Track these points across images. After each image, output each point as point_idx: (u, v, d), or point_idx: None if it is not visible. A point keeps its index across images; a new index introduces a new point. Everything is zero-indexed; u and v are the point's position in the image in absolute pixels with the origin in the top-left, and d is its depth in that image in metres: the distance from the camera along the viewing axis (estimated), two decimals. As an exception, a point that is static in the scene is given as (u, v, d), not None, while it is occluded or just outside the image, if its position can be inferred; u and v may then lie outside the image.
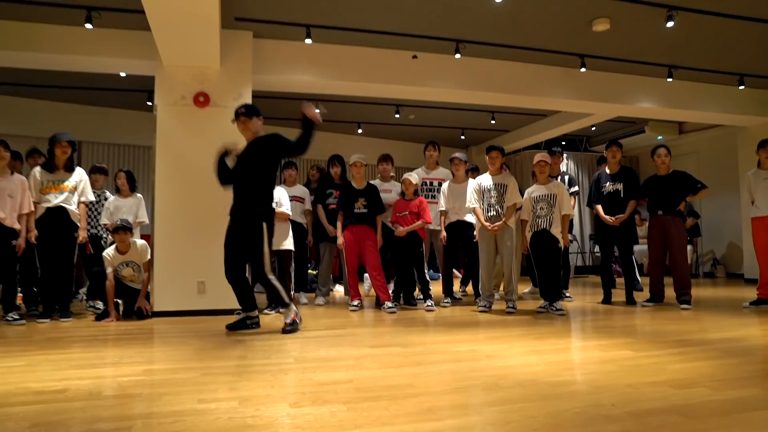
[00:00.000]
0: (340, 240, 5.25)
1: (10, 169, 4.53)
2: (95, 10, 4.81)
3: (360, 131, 9.76)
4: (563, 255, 5.34)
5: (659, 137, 10.05)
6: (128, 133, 8.72)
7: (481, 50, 6.00)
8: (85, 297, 5.63)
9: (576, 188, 6.14)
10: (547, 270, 5.01)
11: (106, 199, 5.60)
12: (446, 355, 3.08)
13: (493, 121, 8.92)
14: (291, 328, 3.84)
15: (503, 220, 4.99)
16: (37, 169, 4.66)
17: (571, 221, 5.72)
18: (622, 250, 5.58)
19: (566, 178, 6.09)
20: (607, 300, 5.60)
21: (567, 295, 5.89)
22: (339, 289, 7.01)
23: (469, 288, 6.71)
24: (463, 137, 10.12)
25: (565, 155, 11.07)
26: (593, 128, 9.72)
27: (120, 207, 5.41)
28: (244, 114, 3.92)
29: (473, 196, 5.19)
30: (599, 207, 5.61)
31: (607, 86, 6.81)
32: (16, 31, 4.98)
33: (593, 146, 11.10)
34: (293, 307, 3.94)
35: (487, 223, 5.01)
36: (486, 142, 10.92)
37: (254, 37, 5.38)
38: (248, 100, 5.12)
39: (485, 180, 5.18)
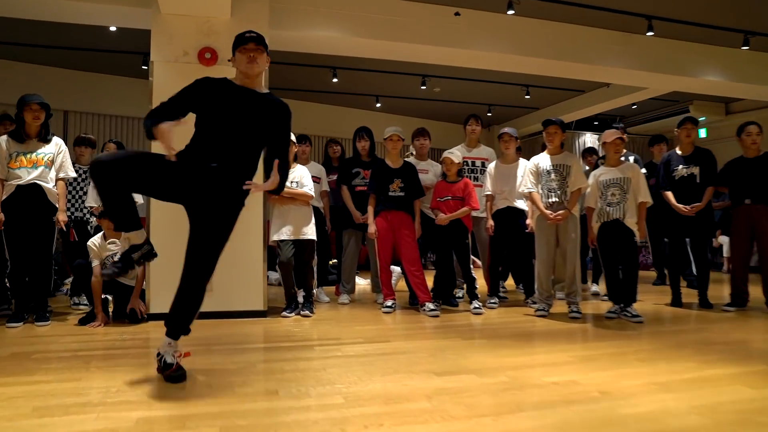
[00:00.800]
0: (372, 228, 4.41)
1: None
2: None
3: (378, 105, 8.85)
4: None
5: (701, 118, 9.22)
6: (121, 103, 7.74)
7: (537, 8, 5.12)
8: (70, 291, 4.80)
9: (644, 170, 5.33)
10: (619, 267, 4.22)
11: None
12: (544, 391, 2.29)
13: (527, 97, 8.05)
14: (176, 374, 2.42)
15: (567, 207, 4.19)
16: (3, 138, 3.77)
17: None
18: (696, 243, 4.80)
19: (631, 158, 5.26)
20: (676, 302, 4.82)
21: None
22: (360, 282, 6.15)
23: (508, 282, 5.93)
24: (489, 114, 9.22)
25: (596, 137, 10.25)
26: (634, 106, 8.85)
27: None
28: (257, 40, 2.49)
29: (529, 179, 4.37)
30: (670, 194, 4.80)
31: (670, 55, 5.95)
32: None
33: (626, 127, 10.23)
34: (176, 344, 2.55)
35: (547, 212, 4.20)
36: (511, 121, 10.06)
37: (271, -18, 4.48)
38: (264, 58, 4.25)
39: (543, 160, 4.36)
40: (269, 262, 5.50)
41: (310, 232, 4.22)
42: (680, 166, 4.81)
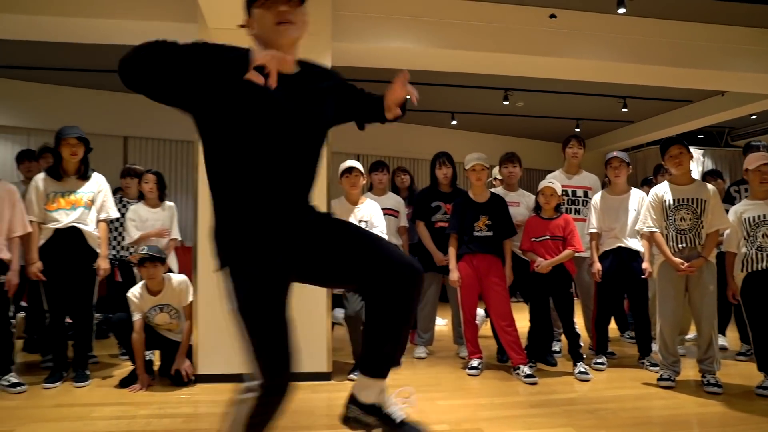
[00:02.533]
0: (455, 275, 3.69)
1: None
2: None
3: (454, 123, 8.11)
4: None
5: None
6: (182, 126, 7.30)
7: (650, 4, 4.27)
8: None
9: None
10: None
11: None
12: None
13: (625, 110, 7.08)
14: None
15: (703, 254, 3.31)
16: (40, 176, 3.38)
17: None
18: None
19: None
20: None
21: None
22: (439, 323, 5.27)
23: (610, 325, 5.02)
24: (578, 129, 8.25)
25: (701, 152, 9.06)
26: (753, 117, 7.64)
27: (147, 218, 4.06)
28: None
29: (650, 215, 3.51)
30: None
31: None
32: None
33: (736, 140, 8.99)
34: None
35: (677, 259, 3.33)
36: (601, 136, 9.07)
37: (336, -11, 3.89)
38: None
39: (668, 192, 3.49)
40: (335, 300, 4.89)
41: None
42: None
